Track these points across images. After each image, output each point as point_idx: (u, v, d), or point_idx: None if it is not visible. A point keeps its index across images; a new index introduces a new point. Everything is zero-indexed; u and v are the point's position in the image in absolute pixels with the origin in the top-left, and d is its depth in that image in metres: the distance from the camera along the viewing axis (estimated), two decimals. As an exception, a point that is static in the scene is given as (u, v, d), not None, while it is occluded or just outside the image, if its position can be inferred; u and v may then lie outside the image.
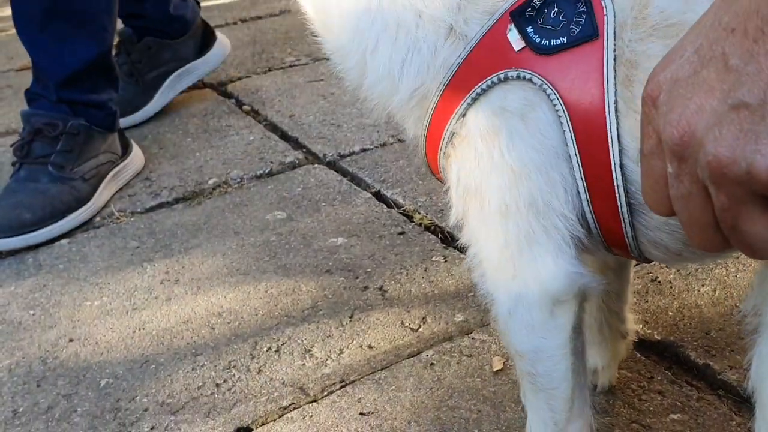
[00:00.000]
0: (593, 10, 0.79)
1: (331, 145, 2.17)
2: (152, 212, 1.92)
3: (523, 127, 0.82)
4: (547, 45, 0.80)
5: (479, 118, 0.84)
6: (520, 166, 0.82)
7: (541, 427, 0.92)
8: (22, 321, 1.54)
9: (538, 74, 0.80)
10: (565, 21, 0.80)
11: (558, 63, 0.80)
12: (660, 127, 0.56)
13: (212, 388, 1.30)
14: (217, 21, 3.62)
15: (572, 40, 0.80)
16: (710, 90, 0.52)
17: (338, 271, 1.59)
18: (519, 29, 0.82)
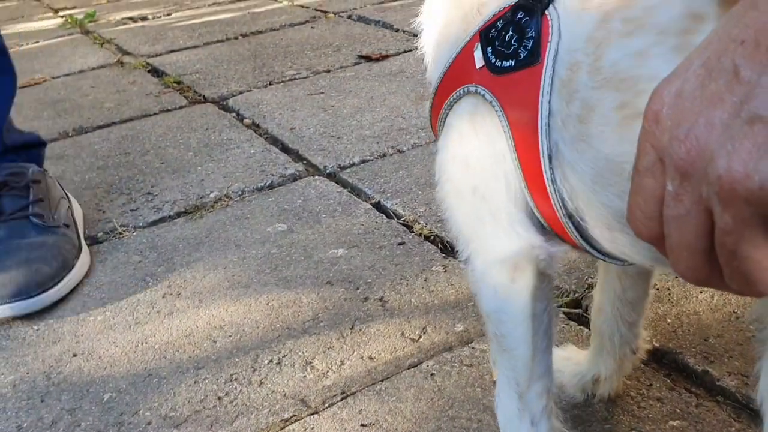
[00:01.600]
0: (540, 37, 0.83)
1: (331, 157, 2.19)
2: (154, 226, 1.93)
3: (473, 129, 0.89)
4: (499, 66, 0.86)
5: (449, 119, 0.93)
6: (468, 160, 0.90)
7: (506, 385, 0.99)
8: (26, 337, 1.55)
9: (490, 92, 0.86)
10: (516, 45, 0.85)
11: (506, 83, 0.85)
12: (663, 143, 0.53)
13: (214, 401, 1.31)
14: (218, 36, 3.65)
15: (518, 64, 0.84)
16: (720, 103, 0.50)
17: (339, 283, 1.60)
18: (482, 48, 0.88)
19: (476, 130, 0.89)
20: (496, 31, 0.87)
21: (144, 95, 2.92)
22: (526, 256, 0.90)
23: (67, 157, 2.40)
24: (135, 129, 2.59)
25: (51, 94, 3.06)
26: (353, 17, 3.73)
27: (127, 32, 3.95)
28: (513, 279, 0.91)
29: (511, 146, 0.85)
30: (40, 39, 4.00)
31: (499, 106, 0.85)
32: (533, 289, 0.91)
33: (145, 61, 3.36)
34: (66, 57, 3.59)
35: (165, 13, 4.31)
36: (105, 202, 2.08)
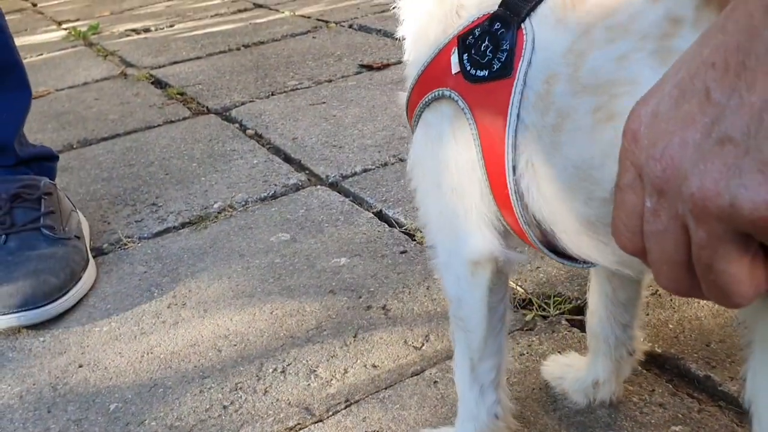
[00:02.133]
0: (515, 49, 0.85)
1: (333, 167, 2.20)
2: (159, 237, 1.95)
3: (451, 132, 0.92)
4: (473, 75, 0.88)
5: (428, 114, 0.96)
6: (447, 160, 0.93)
7: (461, 358, 1.07)
8: (32, 348, 1.56)
9: (463, 99, 0.89)
10: (490, 56, 0.86)
11: (479, 92, 0.88)
12: (641, 161, 0.55)
13: (219, 410, 1.32)
14: (220, 47, 3.68)
15: (491, 74, 0.86)
16: (693, 124, 0.52)
17: (342, 291, 1.61)
18: (459, 54, 0.90)
19: (455, 135, 0.92)
20: (474, 39, 0.88)
21: (148, 107, 2.94)
22: (487, 257, 0.97)
23: (72, 169, 2.42)
24: (139, 140, 2.61)
25: (55, 106, 3.08)
26: (354, 27, 3.75)
27: (130, 44, 3.97)
28: (473, 273, 0.98)
29: (479, 154, 0.88)
30: (43, 51, 4.03)
31: (470, 114, 0.88)
32: (490, 283, 1.00)
33: (149, 72, 3.38)
34: (70, 69, 3.61)
35: (168, 25, 4.33)
36: (110, 214, 2.09)
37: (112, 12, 4.92)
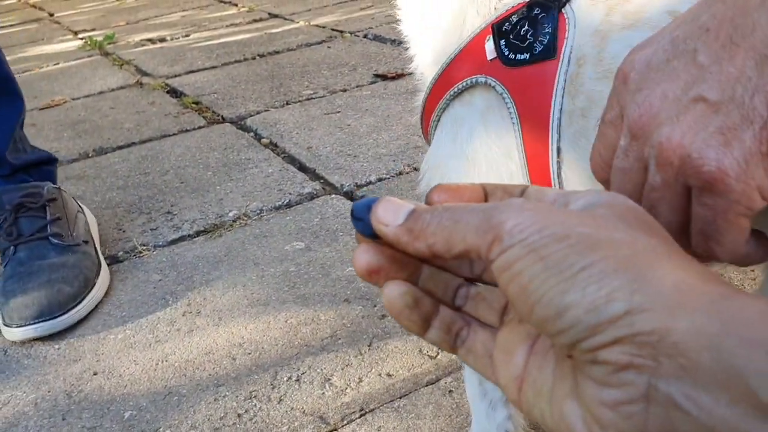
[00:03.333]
0: (557, 32, 0.85)
1: (348, 176, 2.20)
2: (174, 245, 1.95)
3: (482, 125, 0.91)
4: (513, 59, 0.88)
5: (453, 107, 0.94)
6: (474, 157, 0.92)
7: (469, 374, 1.07)
8: (47, 355, 1.57)
9: (501, 83, 0.88)
10: (532, 39, 0.87)
11: (519, 76, 0.87)
12: (625, 102, 0.60)
13: (234, 419, 1.32)
14: (235, 57, 3.69)
15: (533, 57, 0.86)
16: (677, 80, 0.56)
17: (356, 300, 1.61)
18: (494, 40, 0.89)
19: (486, 127, 0.91)
20: (510, 25, 0.88)
21: (163, 116, 2.96)
22: None
23: (88, 178, 2.43)
24: (154, 149, 2.62)
25: (71, 115, 3.10)
26: (369, 36, 3.76)
27: (146, 53, 3.99)
28: None
29: (519, 139, 0.87)
30: (60, 61, 4.06)
31: (510, 98, 0.87)
32: None
33: (164, 82, 3.39)
34: (86, 78, 3.63)
35: (183, 35, 4.35)
36: (125, 222, 2.10)
37: (128, 22, 4.95)
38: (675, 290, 0.40)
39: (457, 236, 0.46)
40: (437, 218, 0.47)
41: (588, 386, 0.41)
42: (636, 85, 0.59)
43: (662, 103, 0.57)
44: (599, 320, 0.39)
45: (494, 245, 0.44)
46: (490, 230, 0.44)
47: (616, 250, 0.41)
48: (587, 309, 0.40)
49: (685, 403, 0.38)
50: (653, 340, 0.39)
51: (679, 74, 0.56)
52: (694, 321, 0.38)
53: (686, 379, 0.38)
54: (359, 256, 0.52)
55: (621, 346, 0.39)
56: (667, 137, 0.56)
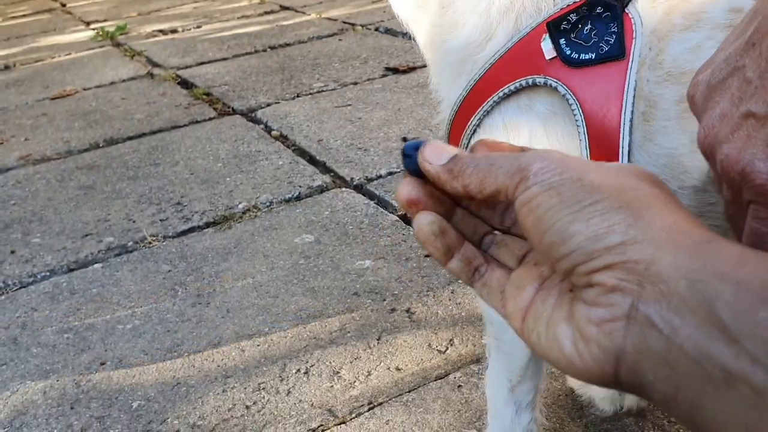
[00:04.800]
0: (624, 32, 0.83)
1: (358, 169, 2.19)
2: (184, 236, 1.95)
3: (543, 131, 0.88)
4: (576, 58, 0.85)
5: (506, 112, 0.90)
6: None
7: (497, 379, 1.06)
8: (57, 344, 1.57)
9: (564, 84, 0.85)
10: (596, 38, 0.84)
11: (583, 76, 0.84)
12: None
13: (242, 410, 1.32)
14: (246, 48, 3.69)
15: (600, 56, 0.84)
16: (732, 98, 0.58)
17: (366, 294, 1.60)
18: (553, 40, 0.86)
19: (548, 133, 0.87)
20: (569, 24, 0.85)
21: (174, 107, 2.96)
22: None
23: (98, 168, 2.43)
24: (165, 140, 2.62)
25: (82, 105, 3.10)
26: (380, 29, 3.75)
27: (157, 45, 3.99)
28: None
29: (585, 143, 0.84)
30: (71, 51, 4.06)
31: (574, 99, 0.84)
32: None
33: (175, 73, 3.39)
34: (97, 69, 3.64)
35: (195, 26, 4.35)
36: (135, 212, 2.10)
37: (140, 13, 4.95)
38: (666, 229, 0.46)
39: (490, 178, 0.52)
40: (475, 162, 0.54)
41: (580, 308, 0.48)
42: (701, 106, 0.60)
43: (720, 122, 0.58)
44: (597, 247, 0.46)
45: (520, 184, 0.50)
46: (518, 172, 0.51)
47: (621, 192, 0.48)
48: (588, 237, 0.47)
49: (660, 323, 0.44)
50: (640, 267, 0.45)
51: (732, 92, 0.58)
52: (677, 256, 0.45)
53: (663, 303, 0.44)
54: (402, 188, 0.58)
55: (612, 271, 0.46)
56: (726, 155, 0.57)
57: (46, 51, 4.11)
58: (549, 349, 0.50)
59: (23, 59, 3.99)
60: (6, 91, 3.42)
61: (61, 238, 2.00)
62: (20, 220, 2.13)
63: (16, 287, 1.80)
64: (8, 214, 2.18)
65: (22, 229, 2.08)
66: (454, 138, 0.98)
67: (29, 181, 2.39)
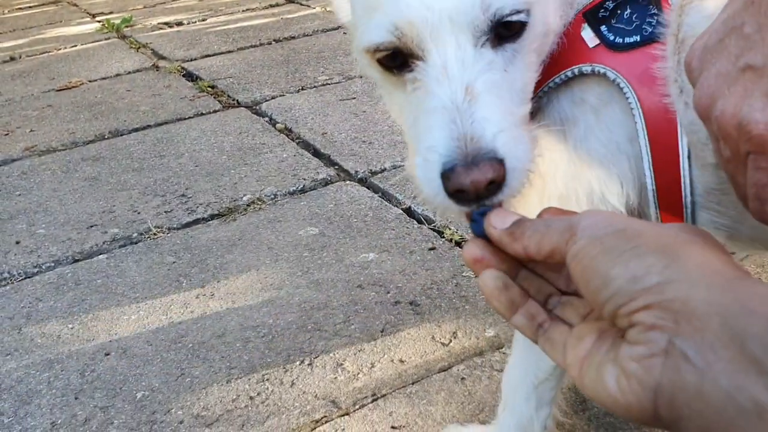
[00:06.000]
0: (663, 14, 0.84)
1: (362, 162, 2.20)
2: (188, 228, 1.95)
3: (595, 122, 0.87)
4: (621, 42, 0.85)
5: (560, 108, 0.88)
6: (587, 158, 0.88)
7: (523, 375, 1.06)
8: (61, 334, 1.57)
9: (612, 69, 0.85)
10: (638, 21, 0.85)
11: (630, 59, 0.84)
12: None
13: (246, 401, 1.32)
14: (251, 41, 3.68)
15: (645, 38, 0.84)
16: (728, 55, 0.59)
17: (369, 286, 1.60)
18: (593, 28, 0.86)
19: (600, 124, 0.87)
20: (607, 11, 0.86)
21: (179, 99, 2.96)
22: None
23: (103, 159, 2.44)
24: (170, 132, 2.62)
25: (88, 97, 3.11)
26: (386, 24, 3.74)
27: (162, 37, 3.99)
28: None
29: (642, 124, 0.84)
30: (77, 43, 4.06)
31: (626, 83, 0.84)
32: None
33: (180, 65, 3.39)
34: (103, 61, 3.64)
35: (200, 19, 4.35)
36: (140, 204, 2.10)
37: (145, 5, 4.95)
38: (699, 268, 0.49)
39: (546, 239, 0.57)
40: (534, 225, 0.60)
41: (623, 348, 0.51)
42: (698, 71, 0.61)
43: (716, 80, 0.59)
44: (636, 288, 0.50)
45: (570, 241, 0.55)
46: (569, 230, 0.56)
47: (659, 237, 0.52)
48: (627, 279, 0.50)
49: (694, 357, 0.47)
50: (676, 306, 0.48)
51: (730, 49, 0.58)
52: (710, 293, 0.48)
53: (697, 338, 0.47)
54: (468, 248, 0.64)
55: (650, 311, 0.49)
56: (721, 111, 0.58)
57: (51, 43, 4.12)
58: (597, 389, 0.53)
59: (29, 51, 3.99)
60: (12, 82, 3.42)
61: (66, 229, 2.01)
62: (25, 211, 2.14)
63: (21, 277, 1.81)
64: (13, 204, 2.19)
65: (27, 220, 2.08)
66: None
67: (34, 172, 2.39)
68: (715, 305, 0.47)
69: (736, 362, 0.46)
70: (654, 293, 0.49)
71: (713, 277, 0.49)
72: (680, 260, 0.50)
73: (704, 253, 0.51)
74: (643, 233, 0.52)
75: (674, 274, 0.49)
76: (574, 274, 0.54)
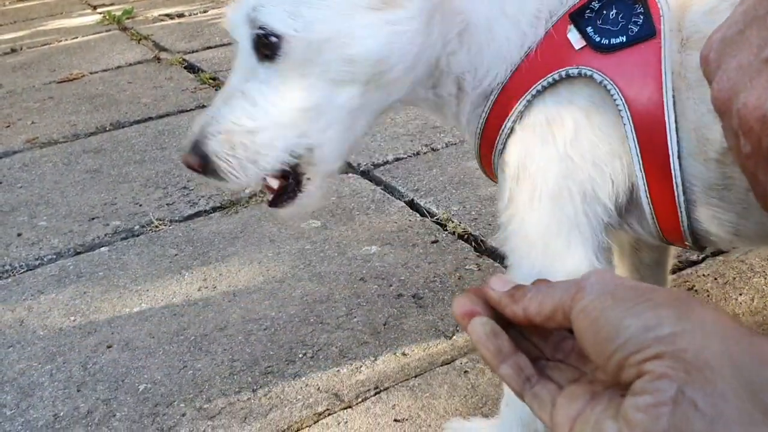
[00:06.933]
0: (650, 11, 0.83)
1: (365, 155, 2.19)
2: (190, 221, 1.95)
3: (587, 123, 0.87)
4: (607, 44, 0.84)
5: (546, 109, 0.88)
6: (580, 158, 0.88)
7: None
8: (63, 327, 1.57)
9: (599, 71, 0.84)
10: (624, 21, 0.84)
11: (617, 60, 0.84)
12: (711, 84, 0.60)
13: (248, 394, 1.32)
14: (253, 33, 3.67)
15: (631, 38, 0.84)
16: (750, 47, 0.56)
17: (372, 279, 1.60)
18: (579, 29, 0.86)
19: (592, 126, 0.86)
20: (593, 12, 0.85)
21: (180, 91, 2.95)
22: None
23: (105, 151, 2.43)
24: (171, 124, 2.61)
25: (89, 89, 3.10)
26: (388, 16, 3.73)
27: (164, 29, 3.98)
28: None
29: (630, 126, 0.83)
30: (78, 35, 4.06)
31: (613, 85, 0.84)
32: None
33: (182, 57, 3.38)
34: (104, 53, 3.63)
35: (201, 10, 4.34)
36: (141, 196, 2.10)
37: (147, -3, 4.94)
38: (713, 323, 0.49)
39: (548, 298, 0.56)
40: (536, 288, 0.59)
41: (627, 400, 0.50)
42: (716, 63, 0.59)
43: (737, 73, 0.56)
44: (648, 337, 0.49)
45: (577, 296, 0.54)
46: (575, 286, 0.55)
47: (671, 294, 0.52)
48: (640, 328, 0.50)
49: (705, 406, 0.46)
50: (688, 356, 0.48)
51: (751, 41, 0.56)
52: (723, 344, 0.48)
53: (708, 388, 0.46)
54: (457, 302, 0.63)
55: (661, 360, 0.48)
56: (743, 104, 0.56)
57: (52, 34, 4.11)
58: None
59: (30, 42, 3.99)
60: (13, 74, 3.41)
61: (67, 222, 2.00)
62: (27, 203, 2.13)
63: (22, 270, 1.80)
64: (15, 197, 2.18)
65: (28, 212, 2.08)
66: (486, 143, 0.95)
67: (36, 165, 2.39)
68: (727, 356, 0.47)
69: (748, 411, 0.45)
70: (666, 343, 0.48)
71: (727, 331, 0.49)
72: (694, 314, 0.50)
73: (717, 311, 0.51)
74: (655, 289, 0.52)
75: (688, 326, 0.49)
76: (579, 328, 0.53)
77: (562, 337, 0.61)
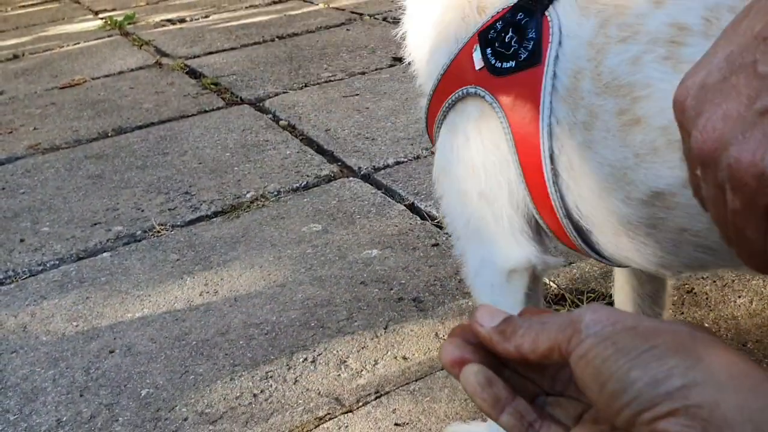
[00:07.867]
0: (541, 38, 0.84)
1: (365, 159, 2.20)
2: (192, 225, 1.96)
3: (478, 133, 0.91)
4: (499, 67, 0.87)
5: (450, 116, 0.95)
6: (474, 164, 0.92)
7: None
8: (66, 332, 1.58)
9: (490, 93, 0.87)
10: (516, 46, 0.86)
11: (506, 84, 0.87)
12: (689, 132, 0.56)
13: (250, 398, 1.33)
14: (254, 38, 3.69)
15: (518, 64, 0.85)
16: (738, 96, 0.53)
17: (373, 283, 1.61)
18: (481, 50, 0.89)
19: (482, 135, 0.90)
20: (495, 33, 0.87)
21: (182, 96, 2.96)
22: (525, 265, 0.94)
23: (107, 157, 2.44)
24: (173, 129, 2.62)
25: (91, 94, 3.11)
26: (388, 19, 3.74)
27: (165, 34, 4.00)
28: (509, 280, 0.96)
29: (512, 147, 0.86)
30: (80, 40, 4.07)
31: (500, 108, 0.86)
32: (527, 289, 0.98)
33: (183, 62, 3.40)
34: (105, 58, 3.64)
35: (203, 16, 4.35)
36: (143, 201, 2.11)
37: (148, 2, 4.95)
38: (725, 370, 0.46)
39: (543, 336, 0.53)
40: (527, 322, 0.54)
41: None
42: (695, 110, 0.56)
43: (725, 123, 0.53)
44: (658, 392, 0.46)
45: (573, 338, 0.50)
46: (570, 325, 0.51)
47: (676, 336, 0.48)
48: (648, 383, 0.46)
49: None
50: (704, 413, 0.44)
51: (740, 90, 0.53)
52: (739, 397, 0.45)
53: None
54: (445, 349, 0.58)
55: (676, 418, 0.45)
56: (736, 158, 0.52)
57: (54, 40, 4.12)
58: None
59: (32, 48, 4.00)
60: (15, 80, 3.43)
61: (70, 227, 2.01)
62: (29, 209, 2.14)
63: (25, 275, 1.81)
64: (17, 202, 2.19)
65: (31, 218, 2.09)
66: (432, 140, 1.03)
67: (38, 170, 2.40)
68: (746, 410, 0.44)
69: None
70: (678, 398, 0.45)
71: (741, 380, 0.46)
72: (703, 361, 0.47)
73: (726, 354, 0.48)
74: (658, 331, 0.49)
75: (699, 377, 0.46)
76: (582, 377, 0.50)
77: (559, 367, 0.58)
